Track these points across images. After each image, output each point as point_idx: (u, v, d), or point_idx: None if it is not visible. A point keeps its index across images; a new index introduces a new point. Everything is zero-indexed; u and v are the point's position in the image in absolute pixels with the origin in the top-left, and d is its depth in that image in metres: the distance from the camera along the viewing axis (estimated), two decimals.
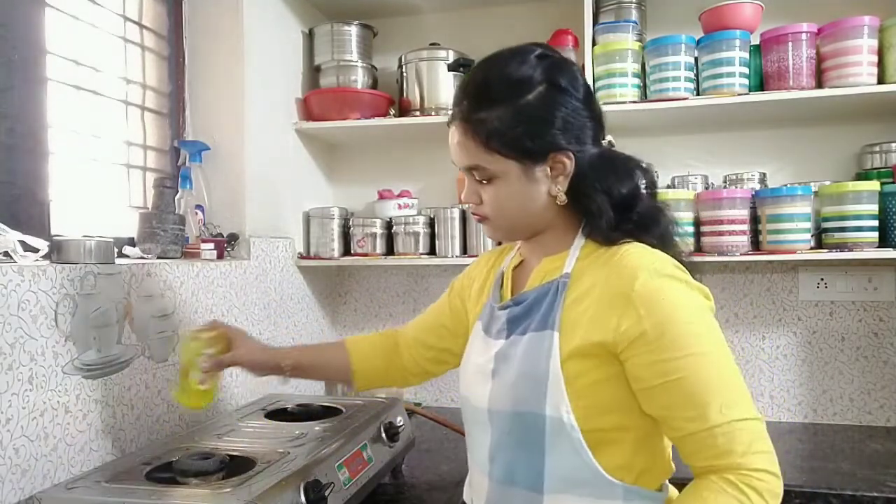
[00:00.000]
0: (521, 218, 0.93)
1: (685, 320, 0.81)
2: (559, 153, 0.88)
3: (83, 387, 1.14)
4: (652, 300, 0.81)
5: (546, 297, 0.91)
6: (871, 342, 1.85)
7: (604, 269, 0.87)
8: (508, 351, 0.92)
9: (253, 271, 1.72)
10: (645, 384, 0.82)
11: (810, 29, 1.64)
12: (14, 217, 1.19)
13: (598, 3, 1.82)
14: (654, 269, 0.83)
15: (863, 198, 1.60)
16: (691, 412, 0.79)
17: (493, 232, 0.98)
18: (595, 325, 0.84)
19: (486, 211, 0.93)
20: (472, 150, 0.89)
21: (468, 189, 0.94)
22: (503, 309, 0.98)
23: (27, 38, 1.25)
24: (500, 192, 0.90)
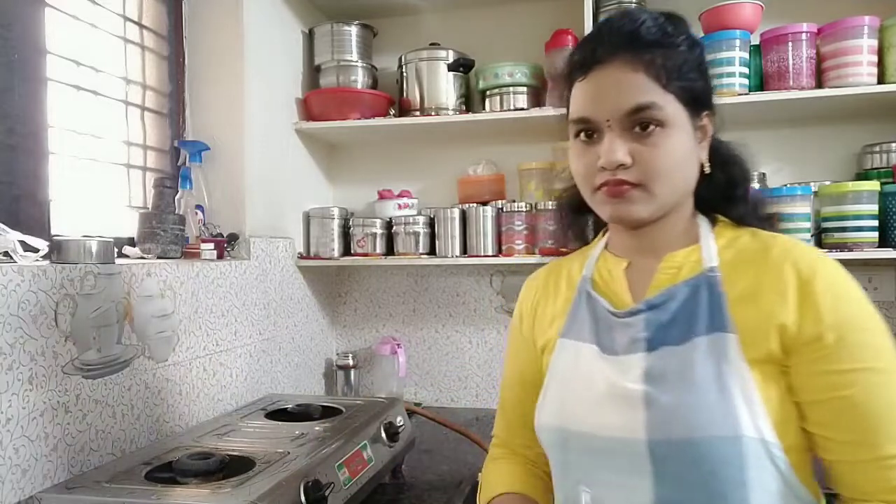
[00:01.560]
0: (681, 182, 0.79)
1: (872, 327, 0.72)
2: (709, 112, 0.82)
3: (83, 387, 1.14)
4: (836, 298, 0.71)
5: (698, 296, 0.77)
6: None
7: (764, 262, 0.76)
8: (665, 365, 0.75)
9: (253, 271, 1.72)
10: (814, 396, 0.72)
11: (810, 29, 1.64)
12: (14, 217, 1.19)
13: (598, 3, 1.82)
14: (833, 265, 0.74)
15: (863, 198, 1.60)
16: (863, 436, 0.70)
17: (640, 206, 0.78)
18: (772, 326, 0.72)
19: (642, 173, 0.76)
20: (646, 88, 0.75)
21: (615, 147, 0.76)
22: (631, 315, 0.80)
23: (27, 38, 1.25)
24: (668, 143, 0.76)
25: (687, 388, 0.72)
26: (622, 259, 0.86)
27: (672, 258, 0.81)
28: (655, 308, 0.79)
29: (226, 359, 1.57)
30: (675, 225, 0.83)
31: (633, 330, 0.79)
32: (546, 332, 0.92)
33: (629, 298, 0.83)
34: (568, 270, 0.95)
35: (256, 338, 1.72)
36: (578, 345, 0.84)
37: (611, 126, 0.76)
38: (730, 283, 0.76)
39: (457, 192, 2.09)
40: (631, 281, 0.85)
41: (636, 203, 0.78)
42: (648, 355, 0.76)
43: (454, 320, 2.17)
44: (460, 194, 2.08)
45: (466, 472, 1.52)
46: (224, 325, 1.57)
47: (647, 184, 0.76)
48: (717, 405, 0.70)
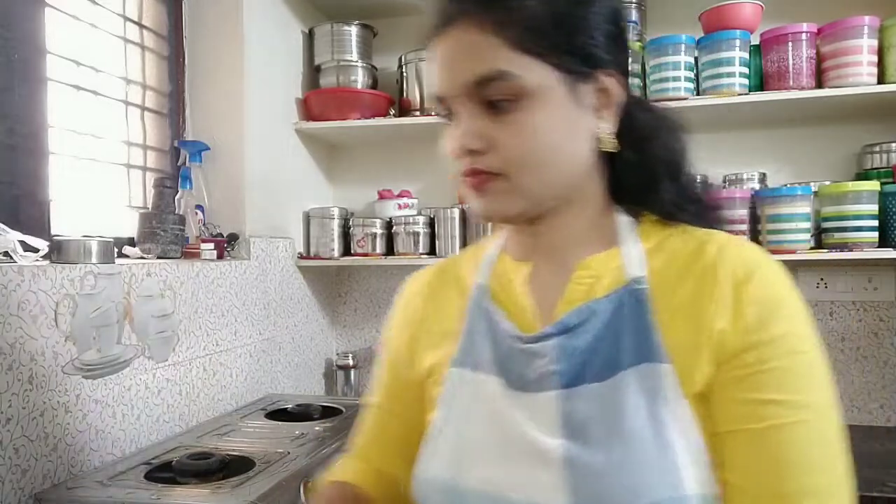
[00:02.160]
0: (557, 169, 0.62)
1: (802, 351, 0.58)
2: (607, 71, 0.63)
3: (83, 387, 1.14)
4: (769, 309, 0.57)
5: (622, 315, 0.61)
6: (871, 342, 1.85)
7: (698, 267, 0.61)
8: (587, 410, 0.59)
9: (253, 271, 1.72)
10: (718, 427, 0.57)
11: (810, 29, 1.64)
12: (14, 217, 1.19)
13: None
14: (774, 270, 0.60)
15: (863, 198, 1.60)
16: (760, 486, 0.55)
17: (505, 202, 0.63)
18: (711, 344, 0.58)
19: (503, 160, 0.60)
20: (494, 52, 0.59)
21: (469, 128, 0.61)
22: (539, 341, 0.63)
23: (27, 38, 1.25)
24: (532, 122, 0.60)
25: (617, 441, 0.56)
26: (523, 263, 0.69)
27: (587, 265, 0.65)
28: (570, 331, 0.62)
29: (226, 359, 1.57)
30: (576, 222, 0.66)
31: (543, 361, 0.62)
32: (433, 353, 0.72)
33: (535, 316, 0.66)
34: (457, 275, 0.75)
35: (256, 338, 1.72)
36: (478, 377, 0.65)
37: (461, 103, 0.62)
38: (660, 298, 0.61)
39: (457, 192, 2.09)
40: (537, 291, 0.67)
41: (500, 197, 0.62)
42: (564, 395, 0.60)
43: None
44: (460, 194, 2.08)
45: None
46: (224, 325, 1.57)
47: (507, 173, 0.61)
48: (656, 462, 0.55)
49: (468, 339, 0.68)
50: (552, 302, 0.65)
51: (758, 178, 1.82)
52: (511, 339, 0.65)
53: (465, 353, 0.68)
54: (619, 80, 0.63)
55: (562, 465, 0.57)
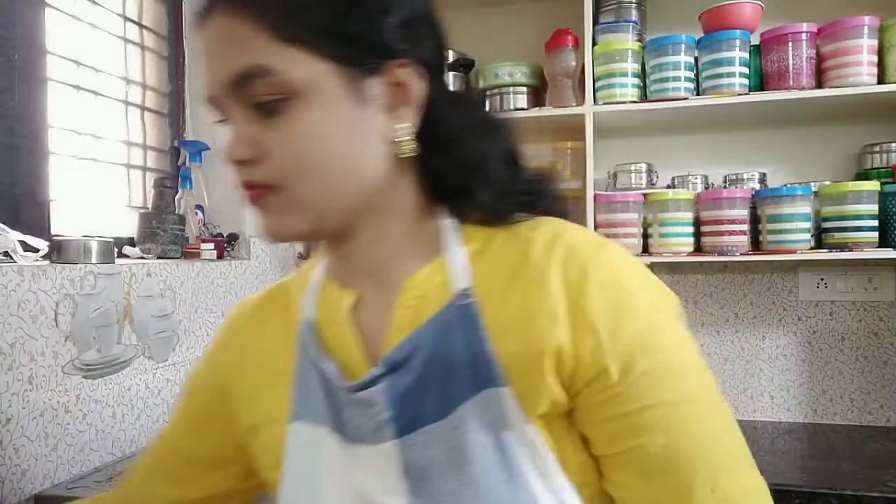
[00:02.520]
0: (342, 177, 0.52)
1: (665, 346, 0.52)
2: (400, 62, 0.53)
3: (83, 387, 1.14)
4: (618, 311, 0.51)
5: (451, 338, 0.53)
6: (871, 342, 1.85)
7: (525, 269, 0.53)
8: (428, 457, 0.52)
9: (253, 271, 1.72)
10: (604, 450, 0.53)
11: (810, 29, 1.64)
12: (14, 217, 1.19)
13: (598, 3, 1.82)
14: (612, 260, 0.53)
15: (863, 198, 1.60)
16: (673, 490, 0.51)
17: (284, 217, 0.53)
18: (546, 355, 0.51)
19: (275, 171, 0.51)
20: (251, 43, 0.49)
21: (238, 134, 0.52)
22: (366, 387, 0.55)
23: (27, 38, 1.25)
24: (306, 124, 0.50)
25: (465, 489, 0.50)
26: (347, 292, 0.59)
27: (412, 284, 0.56)
28: (398, 369, 0.54)
29: None
30: (389, 235, 0.57)
31: (373, 409, 0.54)
32: (261, 407, 0.63)
33: (363, 355, 0.57)
34: (287, 302, 0.66)
35: None
36: (316, 432, 0.57)
37: (227, 105, 0.52)
38: (490, 310, 0.53)
39: None
40: (364, 324, 0.58)
41: (279, 214, 0.53)
42: (402, 444, 0.52)
43: None
44: None
45: None
46: None
47: (281, 185, 0.52)
48: (509, 495, 0.50)
49: (301, 386, 0.59)
50: (381, 334, 0.56)
51: (758, 178, 1.82)
52: (339, 388, 0.56)
53: (301, 404, 0.59)
54: (418, 71, 0.53)
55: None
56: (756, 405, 1.90)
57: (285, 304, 0.66)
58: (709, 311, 1.93)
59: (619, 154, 1.95)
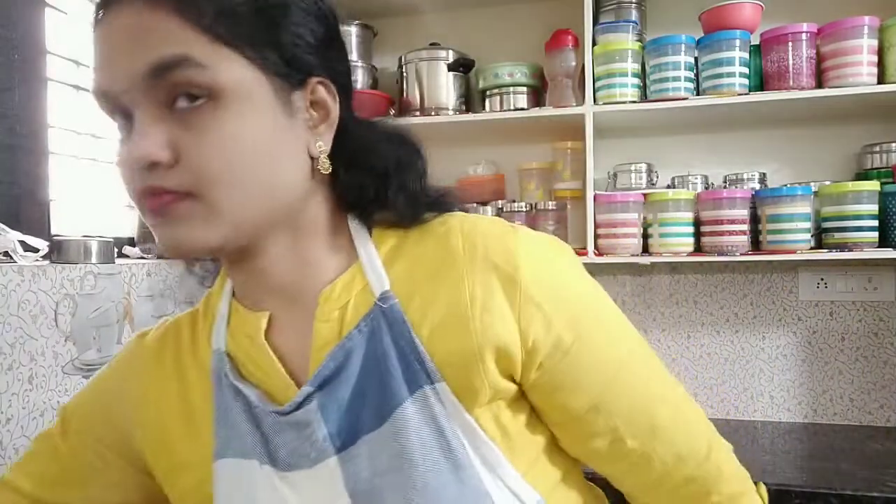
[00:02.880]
0: (265, 188, 0.51)
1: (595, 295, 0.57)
2: (320, 79, 0.54)
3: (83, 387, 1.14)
4: (551, 282, 0.54)
5: (380, 342, 0.53)
6: (871, 342, 1.85)
7: (447, 265, 0.54)
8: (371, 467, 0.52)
9: None
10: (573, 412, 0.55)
11: (810, 29, 1.64)
12: (14, 217, 1.19)
13: (598, 3, 1.82)
14: (530, 243, 0.55)
15: (863, 198, 1.60)
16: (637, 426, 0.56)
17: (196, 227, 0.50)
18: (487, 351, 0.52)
19: (193, 176, 0.48)
20: (176, 34, 0.47)
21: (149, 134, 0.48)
22: (299, 407, 0.54)
23: (27, 38, 1.25)
24: (234, 128, 0.48)
25: (413, 490, 0.50)
26: (259, 313, 0.57)
27: (328, 296, 0.55)
28: (329, 383, 0.53)
29: None
30: (308, 245, 0.56)
31: (308, 430, 0.53)
32: (175, 446, 0.60)
33: (287, 377, 0.56)
34: (192, 336, 0.63)
35: None
36: (246, 465, 0.55)
37: (134, 102, 0.48)
38: (416, 307, 0.53)
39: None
40: (283, 346, 0.57)
41: (191, 224, 0.49)
42: (344, 458, 0.52)
43: None
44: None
45: None
46: None
47: (200, 192, 0.48)
48: (459, 493, 0.50)
49: (223, 423, 0.57)
50: (303, 352, 0.55)
51: (758, 178, 1.82)
52: (268, 414, 0.55)
53: (224, 440, 0.56)
54: (331, 91, 0.55)
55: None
56: (756, 405, 1.90)
57: (191, 337, 0.62)
58: (709, 311, 1.93)
59: (619, 154, 1.95)
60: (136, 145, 0.47)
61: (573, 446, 0.59)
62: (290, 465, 0.53)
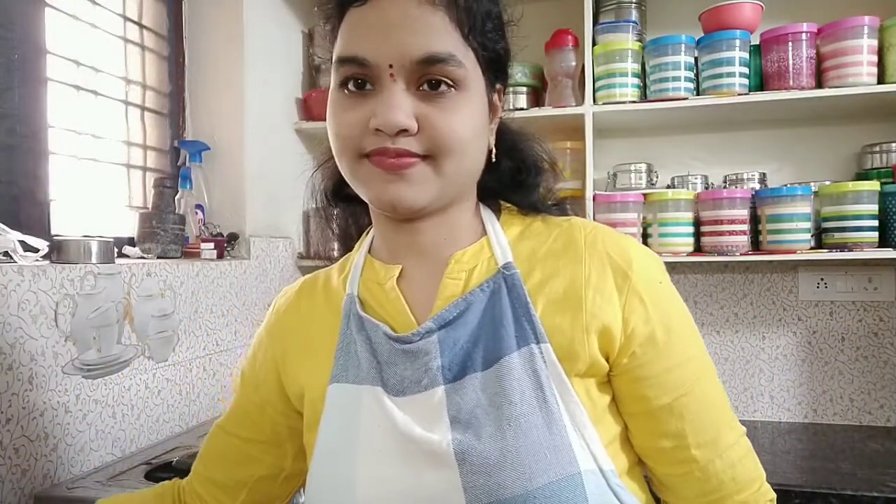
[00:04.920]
0: (471, 162, 0.62)
1: (681, 307, 0.65)
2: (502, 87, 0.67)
3: (83, 387, 1.14)
4: (654, 286, 0.62)
5: (499, 302, 0.62)
6: (871, 342, 1.85)
7: (570, 252, 0.63)
8: (474, 400, 0.58)
9: (253, 271, 1.72)
10: (652, 404, 0.61)
11: (810, 29, 1.64)
12: (14, 217, 1.19)
13: (598, 3, 1.82)
14: (640, 246, 0.66)
15: (863, 198, 1.60)
16: (704, 435, 0.62)
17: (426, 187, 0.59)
18: (593, 329, 0.60)
19: (432, 143, 0.58)
20: (445, 33, 0.57)
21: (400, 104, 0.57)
22: (418, 339, 0.62)
23: (27, 38, 1.25)
24: (467, 112, 0.59)
25: (507, 429, 0.56)
26: (393, 266, 0.67)
27: (459, 260, 0.65)
28: (449, 325, 0.62)
29: (226, 359, 1.57)
30: (458, 218, 0.66)
31: (425, 358, 0.61)
32: (306, 373, 0.69)
33: (411, 317, 0.64)
34: (326, 289, 0.73)
35: None
36: (356, 390, 0.63)
37: (394, 75, 0.57)
38: (532, 282, 0.63)
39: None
40: (409, 294, 0.66)
41: (417, 183, 0.59)
42: (451, 389, 0.60)
43: None
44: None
45: None
46: (224, 325, 1.57)
47: (435, 156, 0.58)
48: (547, 444, 0.56)
49: (344, 353, 0.66)
50: (428, 300, 0.64)
51: (758, 178, 1.82)
52: (390, 342, 0.63)
53: (342, 368, 0.65)
54: (502, 96, 0.68)
55: (455, 463, 0.56)
56: (756, 405, 1.90)
57: (326, 289, 0.73)
58: (709, 311, 1.93)
59: (619, 154, 1.95)
60: (391, 113, 0.56)
61: (642, 440, 0.63)
62: (400, 391, 0.62)
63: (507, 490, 0.55)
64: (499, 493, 0.55)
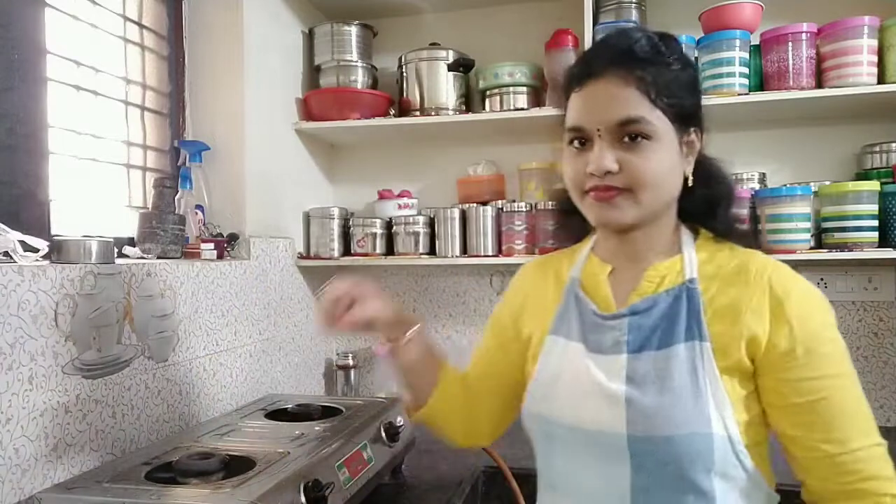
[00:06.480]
0: (664, 192, 0.84)
1: (834, 338, 0.80)
2: (697, 129, 0.88)
3: (83, 387, 1.14)
4: (805, 316, 0.79)
5: (678, 305, 0.83)
6: (871, 342, 1.85)
7: (742, 280, 0.82)
8: (646, 368, 0.82)
9: (253, 271, 1.72)
10: (786, 401, 0.79)
11: (810, 29, 1.64)
12: (14, 217, 1.19)
13: (598, 3, 1.82)
14: (806, 286, 0.82)
15: (863, 198, 1.60)
16: (833, 434, 0.77)
17: (627, 210, 0.83)
18: (743, 339, 0.80)
19: (629, 179, 0.81)
20: (635, 102, 0.81)
21: (605, 155, 0.81)
22: (616, 318, 0.86)
23: (27, 38, 1.25)
24: (654, 155, 0.81)
25: (665, 391, 0.79)
26: (606, 264, 0.92)
27: (656, 269, 0.87)
28: (639, 314, 0.85)
29: (226, 359, 1.57)
30: (659, 234, 0.88)
31: (617, 333, 0.85)
32: (533, 322, 0.97)
33: (613, 303, 0.89)
34: (556, 269, 0.99)
35: (256, 338, 1.72)
36: (567, 343, 0.90)
37: (601, 135, 0.82)
38: (708, 296, 0.83)
39: (457, 192, 2.09)
40: (614, 286, 0.90)
41: (621, 208, 0.83)
42: (630, 357, 0.83)
43: (454, 320, 2.17)
44: (460, 194, 2.08)
45: (466, 472, 1.52)
46: (224, 325, 1.57)
47: (633, 189, 0.82)
48: (693, 407, 0.78)
49: (562, 315, 0.92)
50: (626, 293, 0.88)
51: (758, 178, 1.82)
52: (594, 316, 0.89)
53: (558, 325, 0.92)
54: (699, 136, 0.88)
55: (624, 405, 0.80)
56: None
57: (555, 269, 0.99)
58: None
59: None
60: (601, 161, 0.80)
61: (778, 425, 0.81)
62: (595, 350, 0.86)
63: (655, 431, 0.78)
64: (649, 431, 0.78)
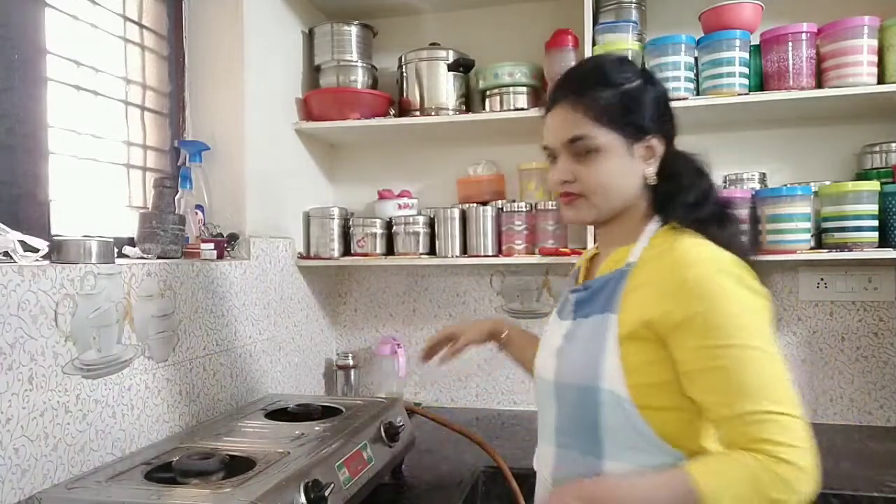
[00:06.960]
0: (615, 193, 0.98)
1: (734, 312, 0.86)
2: (653, 136, 0.98)
3: (83, 387, 1.14)
4: (704, 290, 0.87)
5: (610, 284, 0.98)
6: (871, 342, 1.85)
7: (665, 259, 0.92)
8: (574, 331, 1.00)
9: (253, 271, 1.72)
10: (687, 367, 0.88)
11: (810, 29, 1.64)
12: (14, 217, 1.19)
13: (598, 3, 1.82)
14: (714, 264, 0.89)
15: (863, 198, 1.60)
16: (726, 398, 0.84)
17: (583, 211, 1.01)
18: (648, 309, 0.90)
19: (583, 187, 0.98)
20: (581, 123, 0.96)
21: (561, 167, 0.99)
22: (573, 293, 1.06)
23: (27, 38, 1.25)
24: (601, 166, 0.96)
25: (577, 350, 0.98)
26: (595, 251, 1.13)
27: (617, 253, 1.02)
28: (587, 290, 1.03)
29: (226, 359, 1.57)
30: (622, 225, 1.02)
31: (570, 305, 1.05)
32: None
33: (582, 281, 1.09)
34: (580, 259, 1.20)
35: (256, 338, 1.72)
36: (554, 311, 1.13)
37: (560, 151, 1.00)
38: (634, 276, 0.96)
39: (457, 192, 2.09)
40: (593, 267, 1.09)
41: (579, 209, 1.01)
42: (573, 323, 1.02)
43: (454, 320, 2.16)
44: (460, 194, 2.08)
45: (466, 472, 1.52)
46: (224, 325, 1.57)
47: (586, 195, 0.99)
48: (593, 363, 0.94)
49: (562, 293, 1.14)
50: (595, 274, 1.06)
51: (758, 178, 1.82)
52: (567, 291, 1.10)
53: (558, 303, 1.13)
54: (660, 141, 0.99)
55: (555, 357, 1.02)
56: None
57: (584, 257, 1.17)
58: None
59: None
60: (559, 173, 1.00)
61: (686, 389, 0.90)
62: (563, 316, 1.06)
63: (566, 378, 0.99)
64: (564, 379, 0.99)
